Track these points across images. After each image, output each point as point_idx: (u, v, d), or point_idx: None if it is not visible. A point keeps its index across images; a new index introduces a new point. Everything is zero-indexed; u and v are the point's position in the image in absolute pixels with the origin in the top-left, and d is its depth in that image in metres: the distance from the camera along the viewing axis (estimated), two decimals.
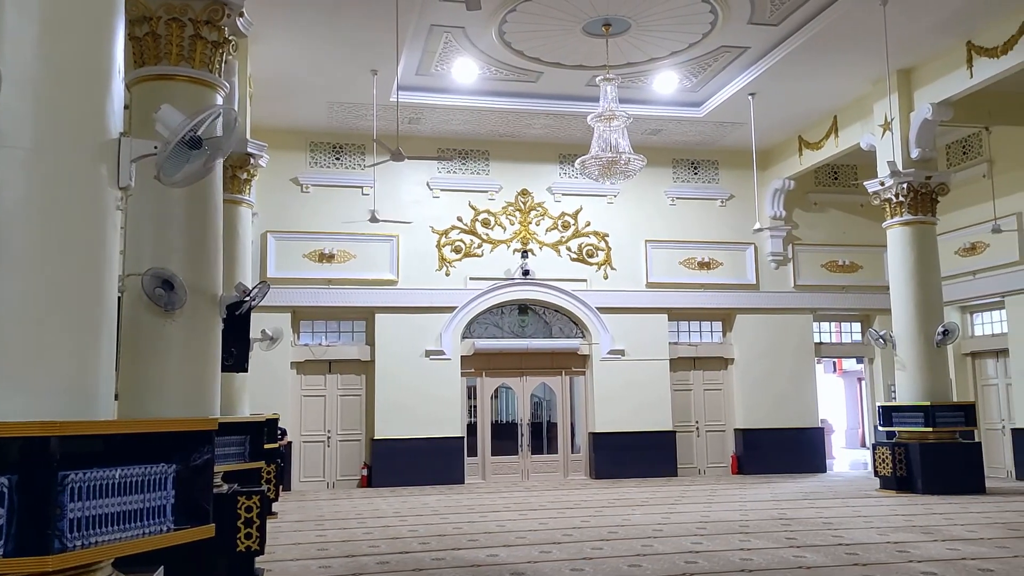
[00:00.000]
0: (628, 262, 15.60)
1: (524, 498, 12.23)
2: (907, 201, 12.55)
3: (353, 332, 14.81)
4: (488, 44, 11.84)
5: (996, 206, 13.83)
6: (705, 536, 8.42)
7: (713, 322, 16.24)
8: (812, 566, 6.80)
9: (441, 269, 14.89)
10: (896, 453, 12.19)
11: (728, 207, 16.13)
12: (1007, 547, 7.52)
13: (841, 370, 24.17)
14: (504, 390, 15.40)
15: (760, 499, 11.66)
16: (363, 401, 14.64)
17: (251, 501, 7.12)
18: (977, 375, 15.23)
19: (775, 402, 15.78)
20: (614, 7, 10.79)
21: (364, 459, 14.48)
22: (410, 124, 14.28)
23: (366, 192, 14.50)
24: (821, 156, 14.79)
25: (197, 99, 6.87)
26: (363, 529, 9.36)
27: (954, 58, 11.72)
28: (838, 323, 17.13)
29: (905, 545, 7.71)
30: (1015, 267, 13.95)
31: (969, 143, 14.96)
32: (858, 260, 16.39)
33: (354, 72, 12.27)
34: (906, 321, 12.51)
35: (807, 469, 15.57)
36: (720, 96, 13.67)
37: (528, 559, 7.35)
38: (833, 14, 10.80)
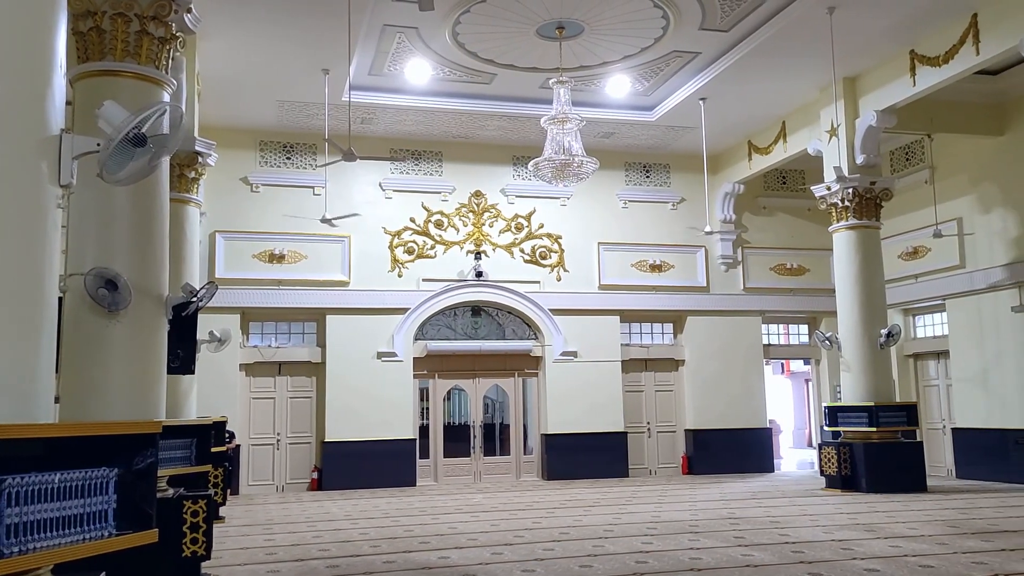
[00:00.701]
0: (581, 264, 15.69)
1: (476, 500, 12.21)
2: (852, 206, 12.82)
3: (304, 334, 14.64)
4: (442, 45, 11.82)
5: (937, 211, 14.19)
6: (655, 536, 8.49)
7: (664, 324, 16.41)
8: (759, 564, 6.90)
9: (394, 270, 14.81)
10: (841, 453, 12.43)
11: (679, 210, 16.32)
12: (946, 544, 7.72)
13: (789, 371, 24.59)
14: (457, 392, 15.36)
15: (710, 499, 11.80)
16: (314, 403, 14.48)
17: (197, 505, 7.00)
18: (919, 376, 15.62)
19: (725, 403, 16.00)
20: (567, 10, 10.84)
21: (314, 462, 14.33)
22: (362, 124, 14.17)
23: (317, 192, 14.36)
24: (770, 161, 15.04)
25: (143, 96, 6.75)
26: (313, 533, 9.26)
27: (898, 66, 12.01)
28: (786, 325, 17.43)
29: (849, 543, 7.87)
30: (955, 271, 14.33)
31: (912, 150, 15.34)
32: (805, 263, 16.70)
33: (305, 71, 12.14)
34: (851, 323, 12.78)
35: (756, 469, 15.81)
36: (671, 100, 13.83)
37: (480, 561, 7.34)
38: (781, 21, 10.99)
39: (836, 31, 11.03)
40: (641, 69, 12.81)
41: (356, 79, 12.56)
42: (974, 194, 14.07)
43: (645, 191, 16.28)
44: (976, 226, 13.99)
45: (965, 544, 7.66)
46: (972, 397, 14.01)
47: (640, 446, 15.88)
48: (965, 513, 9.81)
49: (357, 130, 14.09)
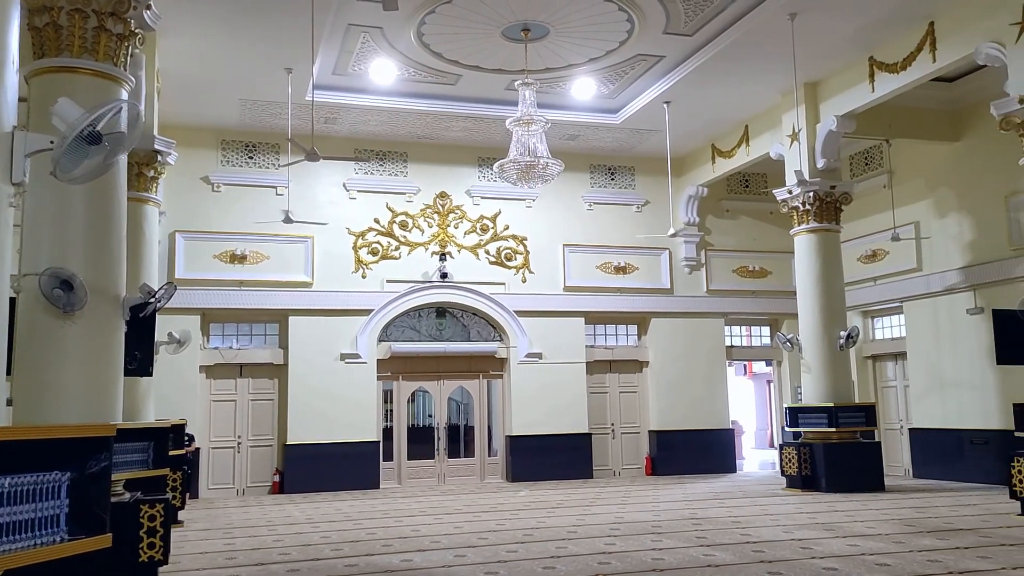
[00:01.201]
0: (546, 266, 15.71)
1: (440, 502, 12.17)
2: (813, 209, 12.99)
3: (266, 335, 14.49)
4: (407, 45, 11.77)
5: (895, 215, 14.43)
6: (618, 537, 8.52)
7: (629, 325, 16.49)
8: (720, 564, 6.95)
9: (357, 271, 14.71)
10: (801, 453, 12.59)
11: (644, 213, 16.41)
12: (903, 542, 7.84)
13: (751, 373, 24.85)
14: (421, 394, 15.30)
15: (672, 499, 11.88)
16: (275, 405, 14.34)
17: (154, 509, 6.91)
18: (877, 377, 15.87)
19: (688, 404, 16.12)
20: (533, 12, 10.85)
21: (276, 465, 14.18)
22: (326, 124, 14.07)
23: (280, 192, 14.22)
24: (733, 164, 15.20)
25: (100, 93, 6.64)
26: (274, 536, 9.16)
27: (857, 72, 12.19)
28: (748, 327, 17.61)
29: (809, 542, 7.97)
30: (913, 274, 14.58)
31: (871, 155, 15.59)
32: (767, 266, 16.89)
33: (268, 70, 12.02)
34: (811, 325, 12.95)
35: (718, 469, 15.95)
36: (636, 103, 13.91)
37: (443, 563, 7.31)
38: (744, 26, 11.11)
39: (797, 37, 11.17)
40: (606, 72, 12.87)
41: (320, 78, 12.46)
42: (931, 199, 14.34)
43: (610, 193, 16.35)
44: (933, 230, 14.26)
45: (921, 543, 7.80)
46: (928, 398, 14.27)
47: (604, 447, 15.94)
48: (921, 512, 9.98)
49: (321, 130, 13.98)
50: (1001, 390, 12.77)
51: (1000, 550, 7.31)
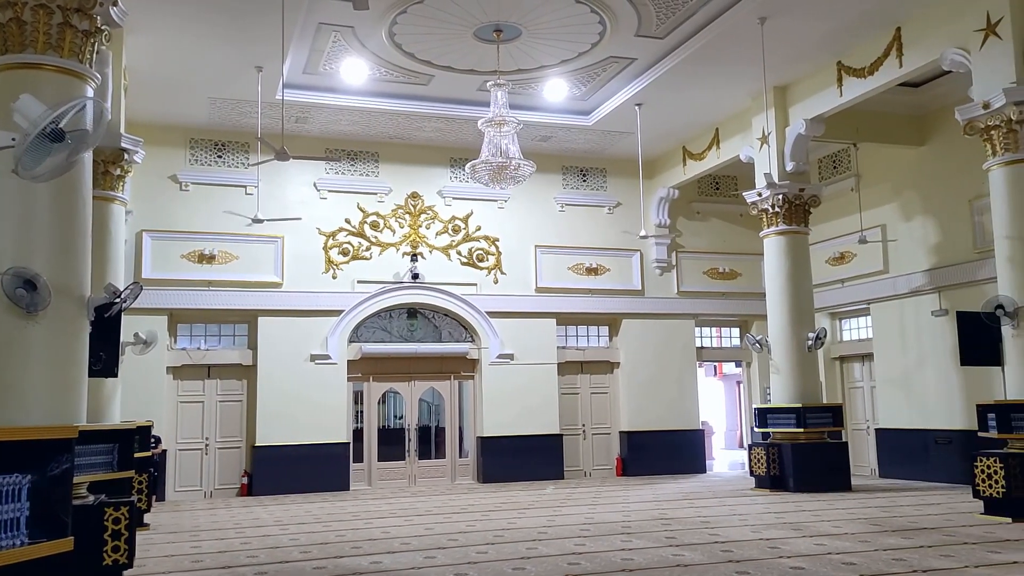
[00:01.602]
0: (518, 267, 15.72)
1: (410, 503, 12.12)
2: (782, 212, 13.11)
3: (234, 336, 14.34)
4: (378, 45, 11.72)
5: (863, 218, 14.61)
6: (589, 537, 8.54)
7: (600, 327, 16.54)
8: (689, 564, 6.99)
9: (328, 272, 14.62)
10: (770, 453, 12.70)
11: (615, 214, 16.47)
12: (868, 541, 7.94)
13: (721, 374, 25.04)
14: (392, 395, 15.24)
15: (643, 500, 11.93)
16: (244, 407, 14.20)
17: (119, 512, 6.82)
18: (845, 378, 16.06)
19: (659, 405, 16.20)
20: (505, 13, 10.86)
21: (244, 467, 14.05)
22: (297, 123, 13.97)
23: (250, 192, 14.10)
24: (704, 167, 15.31)
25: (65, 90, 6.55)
26: (241, 539, 9.07)
27: (826, 77, 12.33)
28: (718, 328, 17.73)
29: (776, 542, 8.04)
30: (880, 276, 14.77)
31: (839, 158, 15.78)
32: (737, 268, 17.03)
33: (237, 68, 11.91)
34: (780, 326, 13.07)
35: (688, 470, 16.05)
36: (608, 105, 13.96)
37: (412, 565, 7.28)
38: (715, 30, 11.19)
39: (767, 41, 11.28)
40: (578, 74, 12.91)
41: (290, 77, 12.37)
42: (897, 202, 14.54)
43: (582, 195, 16.39)
44: (899, 233, 14.45)
45: (886, 541, 7.89)
46: (895, 399, 14.46)
47: (575, 448, 15.98)
48: (887, 511, 10.10)
49: (291, 129, 13.89)
50: (965, 391, 12.97)
51: (963, 549, 7.42)
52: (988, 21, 9.64)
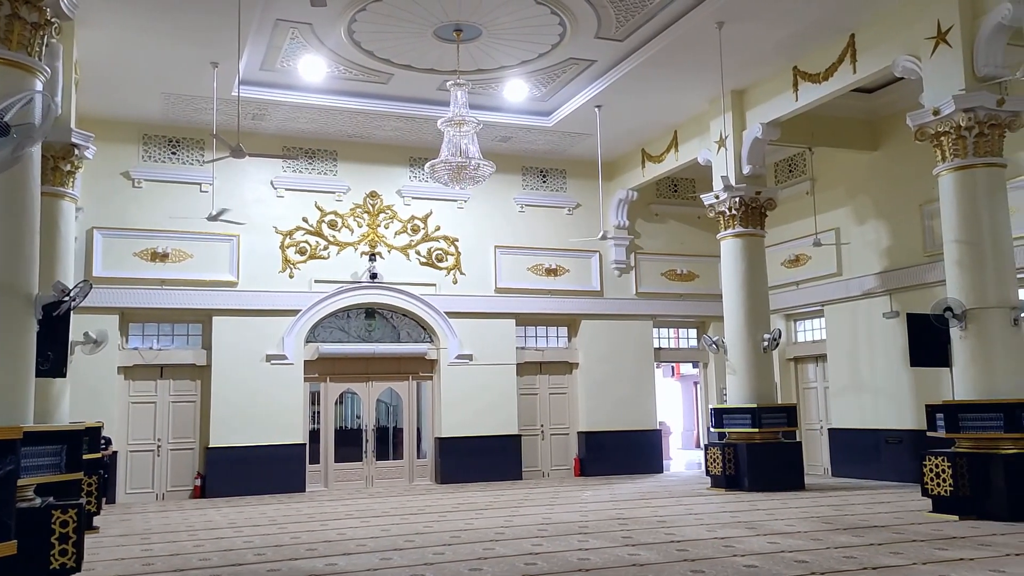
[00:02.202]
0: (477, 267, 15.69)
1: (367, 505, 12.03)
2: (739, 214, 13.26)
3: (188, 335, 14.11)
4: (337, 42, 11.61)
5: (817, 221, 14.84)
6: (546, 538, 8.55)
7: (559, 327, 16.59)
8: (645, 563, 7.03)
9: (285, 271, 14.45)
10: (726, 453, 12.83)
11: (575, 215, 16.53)
12: (820, 539, 8.06)
13: (679, 374, 25.27)
14: (349, 395, 15.11)
15: (600, 500, 11.98)
16: (198, 408, 13.97)
17: (67, 515, 6.67)
18: (799, 379, 16.30)
19: (616, 405, 16.29)
20: (466, 13, 10.82)
21: (198, 468, 13.83)
22: (253, 120, 13.79)
23: (204, 189, 13.89)
24: (662, 169, 15.43)
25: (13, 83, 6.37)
26: (194, 542, 8.92)
27: (782, 81, 12.50)
28: (676, 329, 17.88)
29: (731, 540, 8.12)
30: (833, 279, 15.02)
31: (794, 162, 16.01)
32: (695, 269, 17.18)
33: (193, 63, 11.73)
34: (737, 328, 13.22)
35: (646, 470, 16.16)
36: (568, 107, 14.00)
37: (368, 567, 7.22)
38: (673, 33, 11.28)
39: (725, 45, 11.40)
40: (538, 75, 12.92)
41: (247, 74, 12.22)
42: (850, 206, 14.79)
43: (542, 195, 16.42)
44: (852, 236, 14.70)
45: (838, 539, 8.02)
46: (847, 399, 14.71)
47: (534, 448, 16.00)
48: (839, 510, 10.27)
49: (248, 126, 13.71)
50: (915, 391, 13.24)
51: (912, 546, 7.56)
52: (939, 29, 9.85)
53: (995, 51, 9.55)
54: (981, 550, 7.26)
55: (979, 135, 9.53)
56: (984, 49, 9.54)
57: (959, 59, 9.65)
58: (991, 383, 9.24)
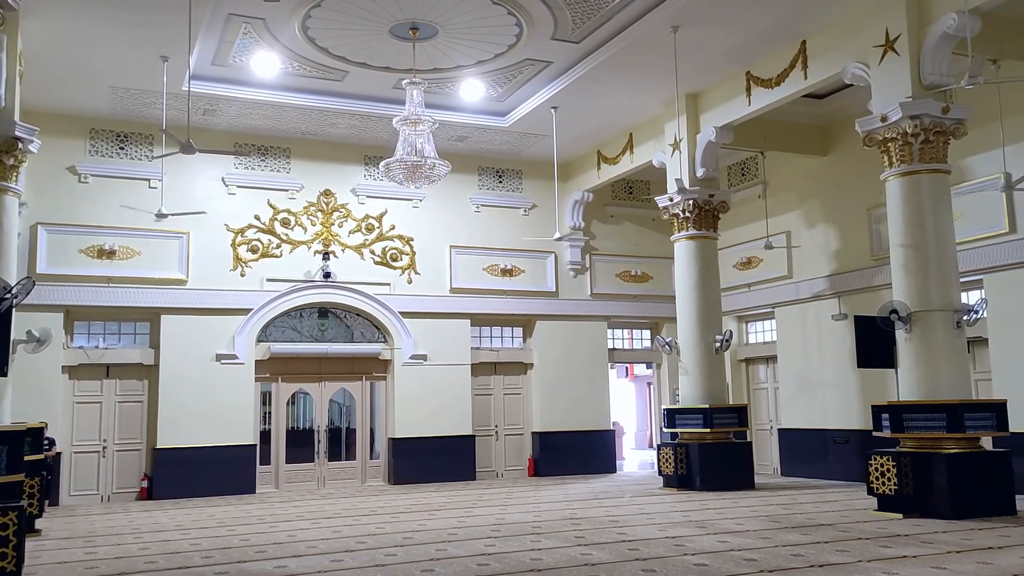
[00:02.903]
0: (432, 267, 15.63)
1: (319, 506, 11.91)
2: (692, 217, 13.39)
3: (136, 334, 13.82)
4: (291, 38, 11.47)
5: (769, 224, 15.06)
6: (499, 538, 8.53)
7: (514, 328, 16.60)
8: (597, 563, 7.06)
9: (236, 269, 14.23)
10: (678, 453, 12.94)
11: (531, 216, 16.55)
12: (769, 538, 8.17)
13: (633, 375, 25.44)
14: (302, 396, 14.94)
15: (553, 500, 12.01)
16: (145, 408, 13.69)
17: (7, 518, 6.51)
18: (750, 379, 16.53)
19: (571, 406, 16.34)
20: (422, 12, 10.77)
21: (144, 470, 13.55)
22: (204, 116, 13.57)
23: (153, 185, 13.62)
24: (618, 171, 15.52)
25: None
26: (140, 544, 8.73)
27: (735, 86, 12.67)
28: (630, 330, 18.00)
29: (682, 539, 8.19)
30: (784, 281, 15.26)
31: (747, 166, 16.23)
32: (649, 271, 17.33)
33: (142, 57, 11.49)
34: (689, 329, 13.34)
35: (599, 470, 16.24)
36: (524, 107, 14.01)
37: (319, 569, 7.14)
38: (629, 36, 11.36)
39: (680, 49, 11.51)
40: (495, 75, 12.91)
41: (198, 68, 12.01)
42: (801, 209, 15.04)
43: (498, 196, 16.42)
44: (802, 239, 14.95)
45: (786, 538, 8.13)
46: (796, 400, 14.95)
47: (488, 449, 15.98)
48: (787, 509, 10.43)
49: (198, 122, 13.49)
50: (862, 392, 13.50)
51: (857, 544, 7.71)
52: (887, 38, 10.06)
53: (941, 60, 9.78)
54: (924, 547, 7.42)
55: (925, 142, 9.74)
56: (930, 58, 9.76)
57: (906, 67, 9.86)
58: (934, 384, 9.45)
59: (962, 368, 9.59)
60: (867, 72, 10.43)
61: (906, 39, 9.87)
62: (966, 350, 9.86)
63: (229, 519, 10.67)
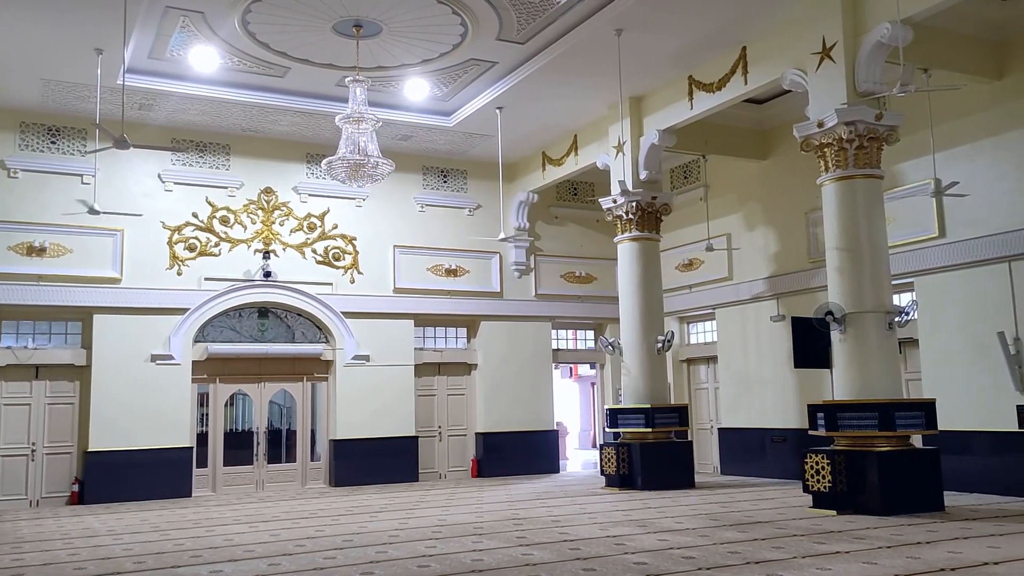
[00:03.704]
0: (376, 267, 15.49)
1: (257, 510, 11.70)
2: (635, 219, 13.50)
3: (67, 334, 13.41)
4: (230, 33, 11.25)
5: (710, 227, 15.27)
6: (440, 539, 8.49)
7: (458, 328, 16.54)
8: (538, 563, 7.06)
9: (172, 268, 13.91)
10: (620, 452, 13.04)
11: (476, 216, 16.52)
12: (707, 536, 8.27)
13: (577, 375, 25.57)
14: (241, 397, 14.67)
15: (496, 501, 11.99)
16: (76, 410, 13.30)
17: None
18: (691, 379, 16.74)
19: (515, 406, 16.35)
20: (365, 9, 10.67)
21: (75, 474, 13.16)
22: (140, 111, 13.24)
23: (86, 181, 13.25)
24: (563, 172, 15.58)
25: None
26: (69, 551, 8.47)
27: (678, 90, 12.82)
28: (574, 331, 18.09)
29: (622, 538, 8.24)
30: (724, 282, 15.49)
31: (689, 169, 16.44)
32: (593, 272, 17.43)
33: (75, 49, 11.16)
34: (632, 329, 13.45)
35: (543, 470, 16.28)
36: (469, 107, 13.97)
37: (255, 573, 7.00)
38: (574, 38, 11.41)
39: (624, 52, 11.60)
40: (440, 74, 12.85)
41: (134, 62, 11.72)
42: (741, 212, 15.29)
43: (442, 196, 16.35)
44: (743, 241, 15.19)
45: (724, 536, 8.24)
46: (736, 399, 15.19)
47: (431, 450, 15.90)
48: (726, 507, 10.57)
49: (134, 116, 13.16)
50: (799, 392, 13.77)
51: (792, 540, 7.85)
52: (824, 46, 10.27)
53: (875, 68, 10.02)
54: (856, 543, 7.59)
55: (859, 147, 9.98)
56: (865, 66, 10.00)
57: (842, 74, 10.09)
58: (867, 384, 9.68)
59: (894, 368, 9.84)
60: (804, 79, 10.64)
61: (842, 47, 10.09)
62: (897, 351, 10.13)
63: (163, 523, 10.42)
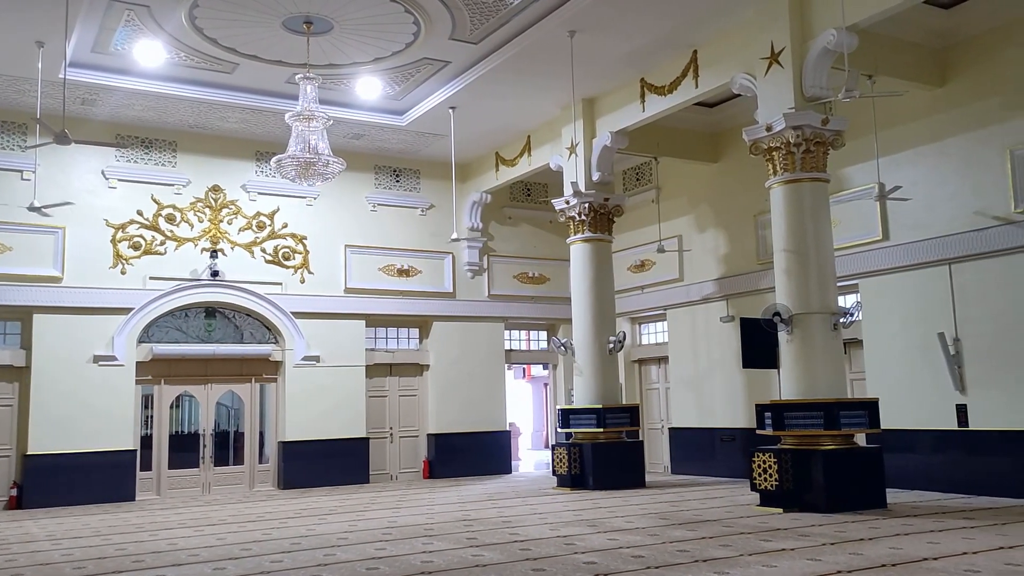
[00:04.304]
0: (326, 266, 15.33)
1: (203, 513, 11.49)
2: (588, 220, 13.56)
3: (5, 334, 13.02)
4: (177, 28, 11.03)
5: (661, 229, 15.39)
6: (390, 541, 8.42)
7: (410, 329, 16.45)
8: (488, 564, 7.03)
9: (116, 267, 13.60)
10: (572, 453, 13.08)
11: (428, 216, 16.44)
12: (657, 535, 8.33)
13: (530, 376, 25.61)
14: (187, 399, 14.40)
15: (447, 502, 11.94)
16: (15, 412, 12.92)
17: None
18: (643, 380, 16.86)
19: (467, 407, 16.31)
20: (316, 5, 10.54)
21: (14, 477, 12.78)
22: (83, 105, 12.92)
23: (27, 177, 12.87)
24: (516, 173, 15.59)
25: None
26: (6, 556, 8.21)
27: (630, 92, 12.90)
28: (527, 331, 18.10)
29: (572, 538, 8.26)
30: (675, 284, 15.64)
31: (641, 171, 16.56)
32: (546, 272, 17.46)
33: (14, 41, 10.85)
34: (584, 330, 13.51)
35: (495, 471, 16.27)
36: (422, 107, 13.90)
37: None
38: (527, 39, 11.41)
39: (576, 54, 11.64)
40: (392, 73, 12.76)
41: (76, 55, 11.43)
42: (692, 214, 15.44)
43: (395, 195, 16.24)
44: (693, 243, 15.36)
45: (673, 534, 8.31)
46: (686, 399, 15.34)
47: (382, 451, 15.78)
48: (676, 506, 10.67)
49: (76, 111, 12.84)
50: (747, 392, 13.96)
51: (740, 538, 7.94)
52: (772, 51, 10.43)
53: (821, 74, 10.20)
54: (801, 540, 7.71)
55: (806, 151, 10.14)
56: (812, 71, 10.17)
57: (790, 79, 10.25)
58: (813, 383, 9.85)
59: (838, 368, 10.02)
60: (754, 83, 10.79)
61: (790, 53, 10.25)
62: (842, 351, 10.32)
63: (105, 528, 10.17)
